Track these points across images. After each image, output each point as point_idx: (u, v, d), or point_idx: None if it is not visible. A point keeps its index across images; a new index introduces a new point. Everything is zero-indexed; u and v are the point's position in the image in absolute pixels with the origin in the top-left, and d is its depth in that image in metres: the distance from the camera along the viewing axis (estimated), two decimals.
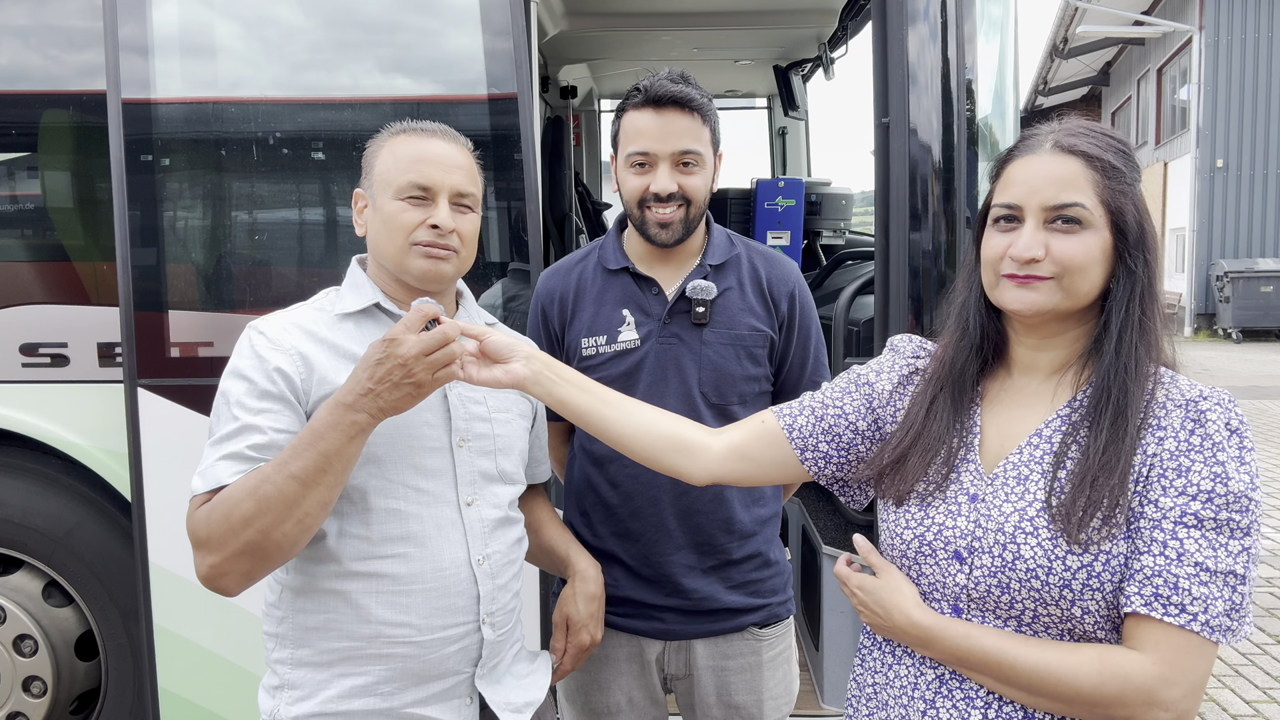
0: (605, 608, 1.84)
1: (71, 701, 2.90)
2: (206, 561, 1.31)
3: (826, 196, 4.39)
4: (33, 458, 2.78)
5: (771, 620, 1.89)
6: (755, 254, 1.88)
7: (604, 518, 1.84)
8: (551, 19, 4.35)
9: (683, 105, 1.71)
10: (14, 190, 2.81)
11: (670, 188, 1.72)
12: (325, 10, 2.62)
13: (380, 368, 1.27)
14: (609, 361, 1.80)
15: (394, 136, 1.50)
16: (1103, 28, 22.17)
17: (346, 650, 1.40)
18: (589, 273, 1.87)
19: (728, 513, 1.81)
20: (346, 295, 1.50)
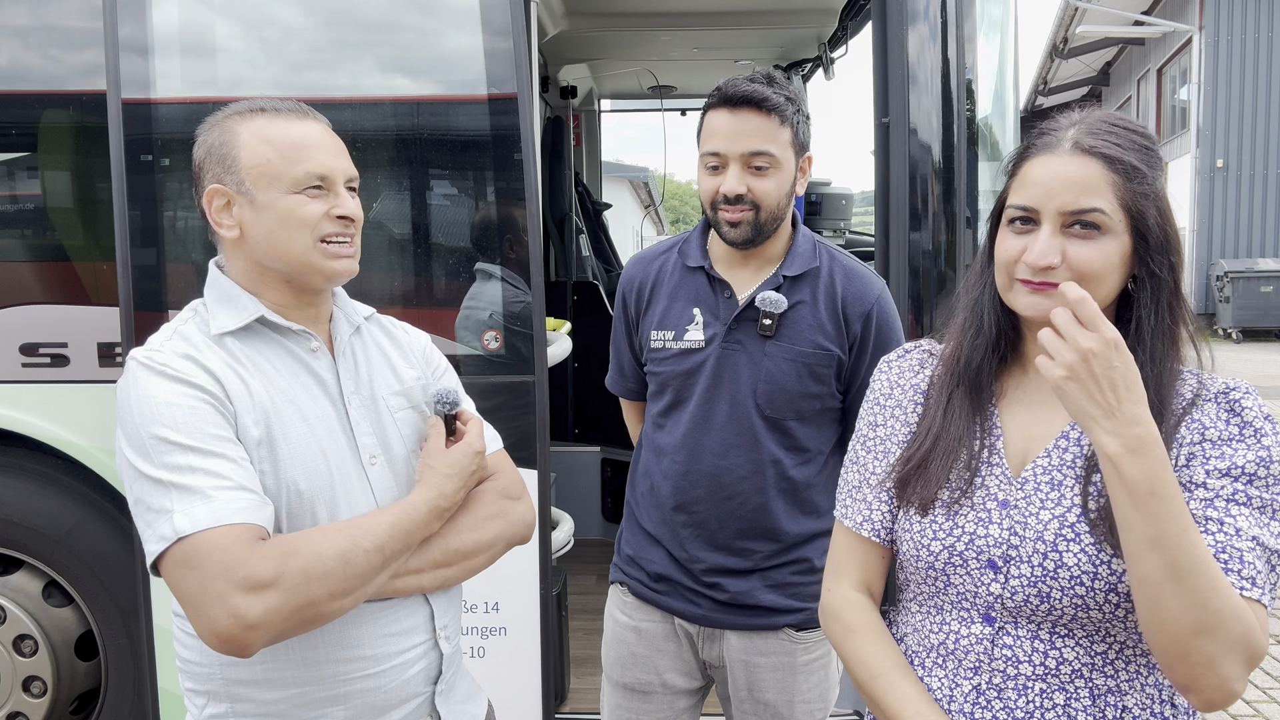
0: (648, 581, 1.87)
1: (71, 701, 2.90)
2: (262, 604, 1.12)
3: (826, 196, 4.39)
4: (33, 458, 2.78)
5: (810, 624, 1.84)
6: (838, 268, 1.81)
7: (654, 502, 1.86)
8: (551, 19, 4.35)
9: (757, 105, 1.68)
10: (14, 190, 2.81)
11: (738, 189, 1.69)
12: (325, 10, 2.62)
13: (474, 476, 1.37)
14: (674, 358, 1.81)
15: (246, 120, 1.31)
16: (1103, 28, 22.17)
17: (298, 697, 1.28)
18: (669, 266, 1.87)
19: (772, 523, 1.79)
20: (219, 312, 1.31)
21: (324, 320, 1.40)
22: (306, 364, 1.34)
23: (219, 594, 1.12)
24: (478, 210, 2.67)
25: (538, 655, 2.62)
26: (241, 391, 1.26)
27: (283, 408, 1.29)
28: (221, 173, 1.31)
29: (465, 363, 2.61)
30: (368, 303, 1.52)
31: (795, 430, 1.78)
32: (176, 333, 1.31)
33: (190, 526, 1.14)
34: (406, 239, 2.69)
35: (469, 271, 2.63)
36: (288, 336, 1.34)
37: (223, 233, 1.33)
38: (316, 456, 1.29)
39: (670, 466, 1.82)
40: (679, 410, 1.81)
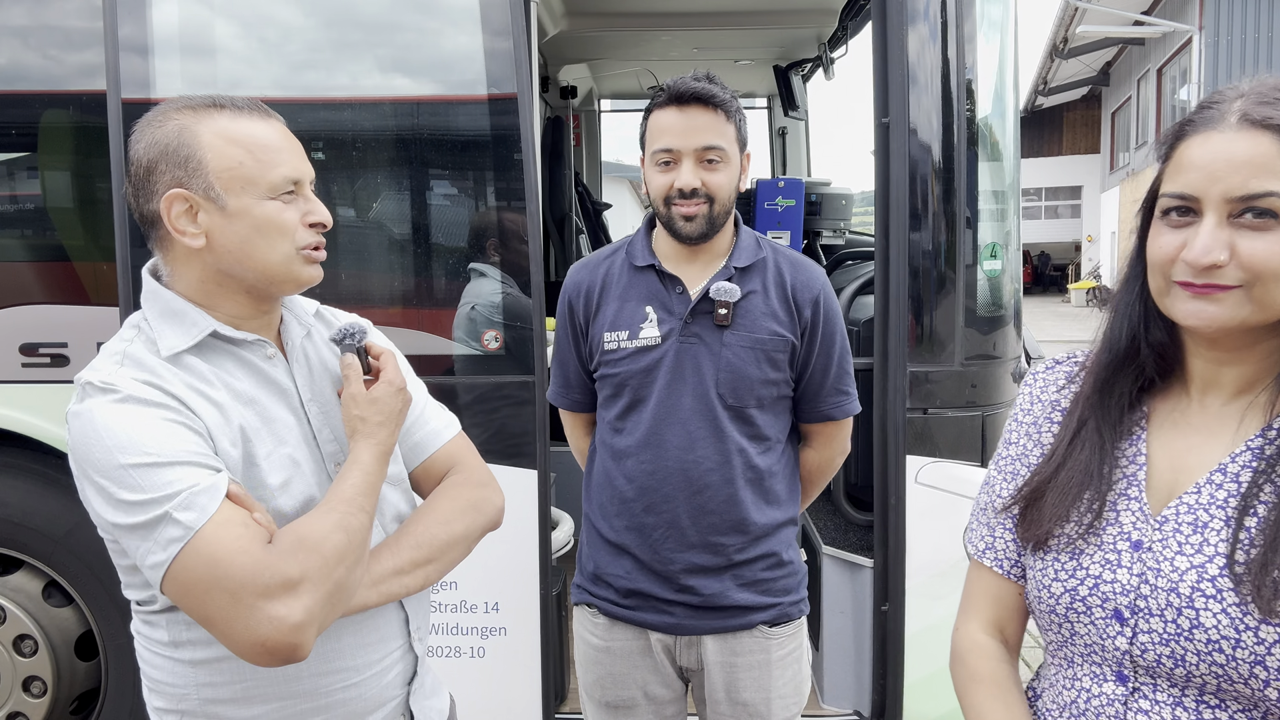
0: (617, 599, 1.86)
1: (71, 701, 2.90)
2: (301, 606, 1.07)
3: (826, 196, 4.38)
4: (33, 458, 2.78)
5: (782, 620, 1.88)
6: (783, 258, 1.87)
7: (619, 510, 1.85)
8: (551, 19, 4.35)
9: (705, 102, 1.73)
10: (14, 190, 2.81)
11: (694, 183, 1.73)
12: (325, 10, 2.62)
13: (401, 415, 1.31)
14: (630, 357, 1.81)
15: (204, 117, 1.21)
16: (1103, 28, 22.17)
17: (277, 711, 1.25)
18: (617, 268, 1.88)
19: (741, 514, 1.81)
20: (165, 330, 1.21)
21: (275, 325, 1.34)
22: (265, 373, 1.29)
23: (252, 606, 1.06)
24: (478, 210, 2.67)
25: (538, 655, 2.62)
26: (212, 414, 1.19)
27: (253, 423, 1.24)
28: (183, 176, 1.19)
29: (465, 362, 2.61)
30: (368, 303, 1.50)
31: (756, 418, 1.81)
32: (126, 356, 1.19)
33: (199, 517, 1.08)
34: (407, 239, 2.69)
35: (469, 271, 2.63)
36: (242, 347, 1.27)
37: (186, 241, 1.21)
38: (290, 467, 1.25)
39: (635, 468, 1.82)
40: (639, 410, 1.82)
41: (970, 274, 2.55)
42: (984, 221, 2.60)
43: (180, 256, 1.24)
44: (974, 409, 2.59)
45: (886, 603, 2.60)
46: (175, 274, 1.26)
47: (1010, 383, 2.69)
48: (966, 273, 2.55)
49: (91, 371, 1.18)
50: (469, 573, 2.40)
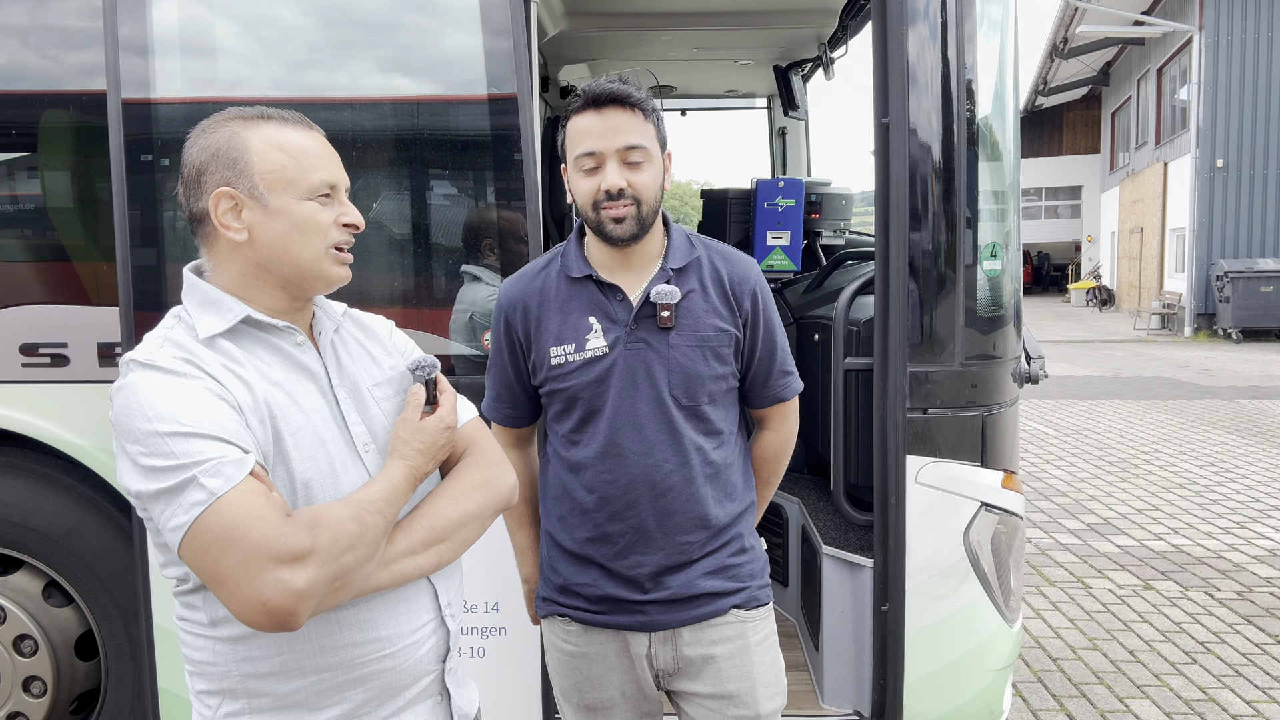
0: (587, 606, 1.87)
1: (71, 701, 2.90)
2: (305, 576, 1.15)
3: (826, 196, 4.38)
4: (33, 458, 2.78)
5: (753, 603, 1.90)
6: (715, 254, 1.90)
7: (581, 522, 1.85)
8: (551, 19, 4.35)
9: (623, 102, 1.74)
10: (14, 190, 2.81)
11: (619, 183, 1.73)
12: (325, 10, 2.62)
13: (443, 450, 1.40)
14: (579, 369, 1.81)
15: (253, 125, 1.33)
16: (1103, 28, 22.17)
17: (315, 685, 1.30)
18: (552, 280, 1.87)
19: (703, 510, 1.83)
20: (202, 316, 1.32)
21: (306, 320, 1.43)
22: (295, 358, 1.37)
23: (262, 567, 1.13)
24: (478, 210, 2.67)
25: (538, 655, 2.62)
26: (244, 393, 1.27)
27: (281, 402, 1.31)
28: (231, 176, 1.31)
29: (464, 362, 2.61)
30: (368, 303, 1.54)
31: (709, 414, 1.84)
32: (167, 339, 1.30)
33: (224, 484, 1.15)
34: (407, 239, 2.69)
35: (469, 272, 2.63)
36: (273, 333, 1.36)
37: (230, 235, 1.32)
38: (318, 447, 1.32)
39: (594, 479, 1.82)
40: (594, 421, 1.82)
41: (970, 274, 2.55)
42: (984, 221, 2.60)
43: (223, 251, 1.34)
44: (974, 409, 2.59)
45: (886, 603, 2.60)
46: (216, 269, 1.36)
47: (1010, 383, 2.69)
48: (966, 273, 2.55)
49: (135, 352, 1.28)
50: (469, 573, 2.40)
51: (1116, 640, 4.35)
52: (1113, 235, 28.86)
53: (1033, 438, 9.11)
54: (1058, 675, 3.99)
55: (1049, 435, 9.30)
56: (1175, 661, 4.12)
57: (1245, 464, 7.92)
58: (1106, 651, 4.22)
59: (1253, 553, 5.60)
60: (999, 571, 2.63)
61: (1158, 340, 19.21)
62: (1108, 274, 29.61)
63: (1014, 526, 2.65)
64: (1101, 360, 15.76)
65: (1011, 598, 2.70)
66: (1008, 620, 2.69)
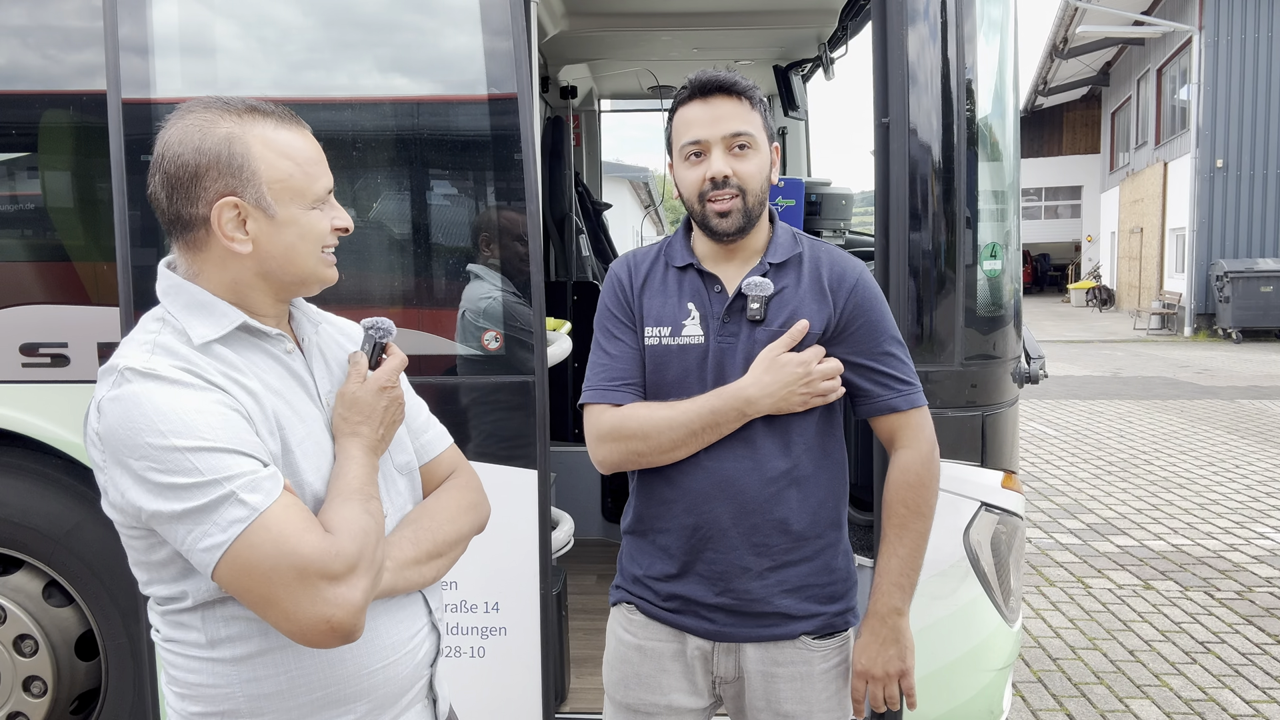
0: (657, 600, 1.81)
1: (72, 701, 2.90)
2: (360, 587, 1.14)
3: (826, 196, 4.38)
4: (33, 458, 2.78)
5: (827, 631, 1.82)
6: (820, 251, 1.84)
7: (660, 512, 1.81)
8: (551, 19, 4.35)
9: (729, 90, 1.73)
10: (14, 190, 2.81)
11: (725, 170, 1.70)
12: (325, 10, 2.62)
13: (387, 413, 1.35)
14: (672, 354, 1.78)
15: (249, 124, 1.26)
16: (1103, 28, 22.18)
17: (321, 700, 1.29)
18: (659, 267, 1.87)
19: (781, 514, 1.76)
20: (193, 321, 1.25)
21: (285, 321, 1.39)
22: (287, 366, 1.34)
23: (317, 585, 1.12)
24: (478, 210, 2.67)
25: (538, 655, 2.62)
26: (251, 404, 1.23)
27: (286, 413, 1.28)
28: (236, 184, 1.24)
29: (465, 363, 2.61)
30: (368, 303, 1.53)
31: (794, 416, 1.76)
32: (157, 345, 1.22)
33: (265, 500, 1.12)
34: (407, 239, 2.69)
35: (469, 271, 2.63)
36: (266, 340, 1.32)
37: (235, 247, 1.25)
38: (321, 456, 1.31)
39: (674, 469, 1.78)
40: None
41: (970, 274, 2.55)
42: (984, 221, 2.60)
43: (216, 258, 1.28)
44: (974, 409, 2.59)
45: None
46: (203, 273, 1.29)
47: (1010, 383, 2.69)
48: (966, 273, 2.55)
49: (125, 359, 1.19)
50: (469, 573, 2.40)
51: (1116, 640, 4.35)
52: (1113, 235, 28.86)
53: (1033, 438, 9.12)
54: (1058, 675, 3.99)
55: (1049, 435, 9.30)
56: (1175, 661, 4.12)
57: (1245, 464, 7.92)
58: (1106, 651, 4.23)
59: (1253, 553, 5.60)
60: (999, 571, 2.63)
61: (1158, 340, 19.21)
62: (1108, 274, 29.62)
63: (1014, 526, 2.65)
64: (1101, 360, 15.76)
65: (1011, 598, 2.70)
66: (1008, 620, 2.68)
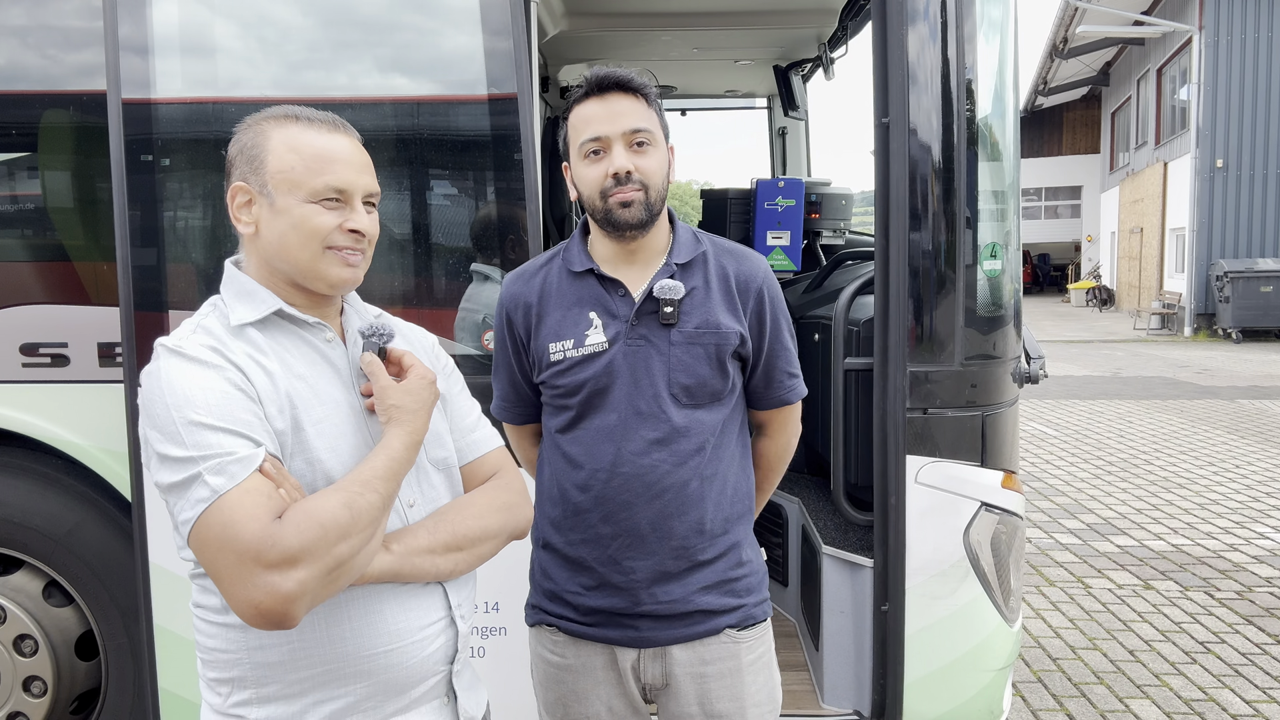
0: (577, 617, 1.82)
1: (72, 701, 2.90)
2: (294, 579, 1.17)
3: (826, 196, 4.38)
4: (33, 458, 2.78)
5: (748, 622, 1.85)
6: (722, 251, 1.85)
7: (574, 524, 1.80)
8: (551, 19, 4.35)
9: (625, 87, 1.71)
10: (14, 190, 2.81)
11: (627, 165, 1.69)
12: (325, 10, 2.62)
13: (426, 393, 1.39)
14: (577, 365, 1.77)
15: (280, 125, 1.37)
16: (1103, 28, 22.18)
17: (322, 675, 1.33)
18: (554, 276, 1.84)
19: (700, 513, 1.77)
20: (237, 305, 1.38)
21: (335, 315, 1.46)
22: (323, 353, 1.41)
23: (252, 570, 1.17)
24: (478, 210, 2.67)
25: None
26: (265, 383, 1.31)
27: (304, 394, 1.35)
28: (248, 172, 1.37)
29: (465, 363, 2.61)
30: (366, 301, 1.55)
31: (710, 415, 1.78)
32: (199, 326, 1.36)
33: (226, 483, 1.20)
34: (407, 239, 2.69)
35: (469, 271, 2.64)
36: (304, 328, 1.40)
37: (240, 229, 1.39)
38: (339, 439, 1.36)
39: (589, 478, 1.77)
40: (591, 418, 1.77)
41: (970, 274, 2.55)
42: (984, 221, 2.60)
43: (246, 243, 1.42)
44: (974, 409, 2.59)
45: (886, 603, 2.60)
46: (247, 259, 1.43)
47: (1010, 383, 2.69)
48: (966, 273, 2.55)
49: (167, 338, 1.33)
50: None
51: (1116, 640, 4.35)
52: (1112, 235, 28.86)
53: (1033, 438, 9.12)
54: (1058, 675, 3.99)
55: (1049, 435, 9.30)
56: (1175, 661, 4.12)
57: (1245, 464, 7.92)
58: (1106, 651, 4.23)
59: (1253, 553, 5.60)
60: (999, 571, 2.63)
61: (1158, 340, 19.21)
62: (1108, 274, 29.62)
63: (1014, 526, 2.65)
64: (1101, 360, 15.76)
65: (1011, 598, 2.70)
66: (1008, 620, 2.69)
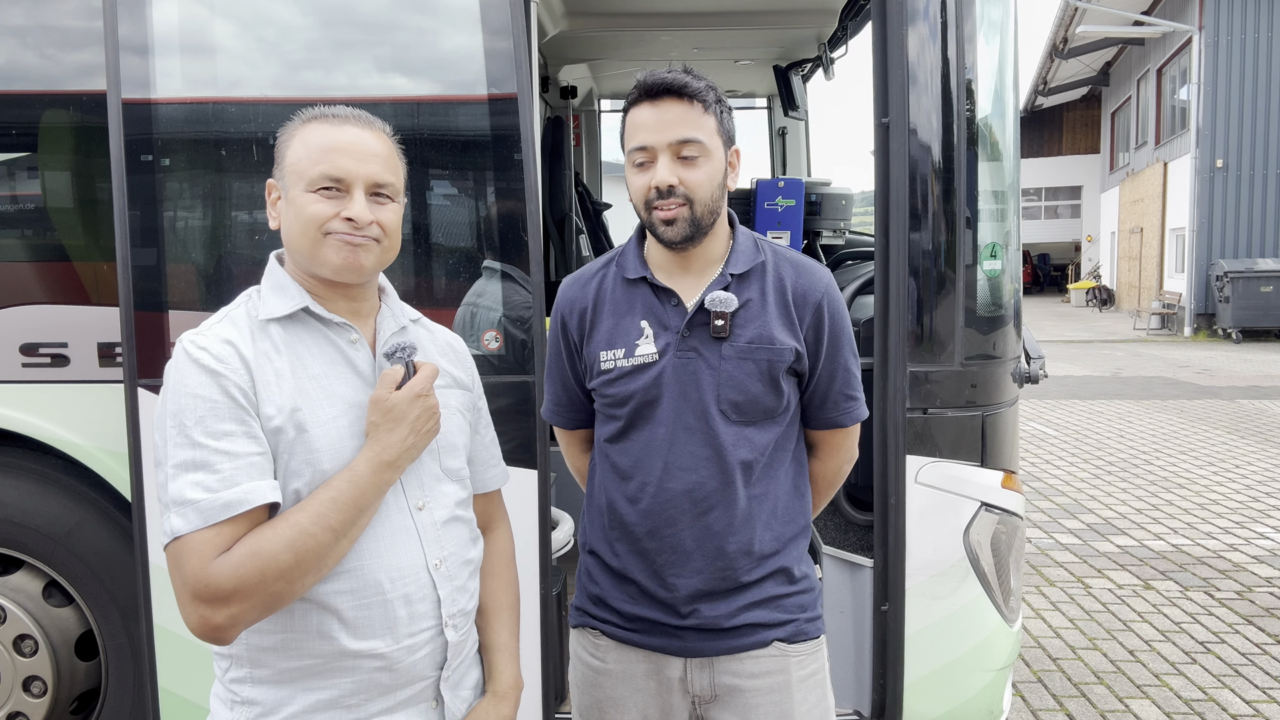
0: (621, 623, 1.76)
1: (71, 701, 2.90)
2: (225, 613, 1.25)
3: (826, 196, 4.39)
4: (33, 458, 2.78)
5: (799, 636, 1.75)
6: (783, 261, 1.76)
7: (621, 535, 1.74)
8: (551, 19, 4.35)
9: (679, 93, 1.61)
10: (14, 190, 2.81)
11: (669, 180, 1.61)
12: (325, 10, 2.62)
13: (419, 421, 1.40)
14: (627, 376, 1.70)
15: (305, 124, 1.43)
16: (1103, 28, 22.17)
17: (309, 668, 1.37)
18: (609, 282, 1.78)
19: (748, 534, 1.70)
20: (270, 298, 1.42)
21: (367, 316, 1.48)
22: (345, 354, 1.43)
23: (190, 602, 1.27)
24: (478, 210, 2.67)
25: (538, 655, 2.62)
26: (269, 381, 1.35)
27: (314, 394, 1.37)
28: (276, 169, 1.44)
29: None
30: None
31: (761, 433, 1.70)
32: (227, 317, 1.41)
33: (185, 526, 1.27)
34: (406, 239, 2.69)
35: (469, 271, 2.63)
36: (329, 328, 1.43)
37: (272, 224, 1.46)
38: (343, 440, 1.38)
39: (636, 491, 1.72)
40: (638, 430, 1.72)
41: (970, 274, 2.55)
42: (984, 221, 2.60)
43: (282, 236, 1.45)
44: (974, 409, 2.59)
45: (886, 603, 2.60)
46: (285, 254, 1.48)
47: (1010, 383, 2.69)
48: (966, 273, 2.55)
49: (191, 332, 1.38)
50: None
51: (1116, 640, 4.35)
52: (1112, 235, 28.86)
53: (1033, 438, 9.12)
54: (1058, 675, 3.99)
55: (1049, 435, 9.30)
56: (1175, 661, 4.12)
57: (1245, 464, 7.92)
58: (1106, 651, 4.23)
59: (1253, 553, 5.60)
60: (999, 571, 2.63)
61: (1157, 340, 19.21)
62: (1108, 274, 29.61)
63: (1014, 526, 2.65)
64: (1101, 360, 15.76)
65: (1011, 598, 2.70)
66: (1008, 620, 2.69)
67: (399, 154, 1.48)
